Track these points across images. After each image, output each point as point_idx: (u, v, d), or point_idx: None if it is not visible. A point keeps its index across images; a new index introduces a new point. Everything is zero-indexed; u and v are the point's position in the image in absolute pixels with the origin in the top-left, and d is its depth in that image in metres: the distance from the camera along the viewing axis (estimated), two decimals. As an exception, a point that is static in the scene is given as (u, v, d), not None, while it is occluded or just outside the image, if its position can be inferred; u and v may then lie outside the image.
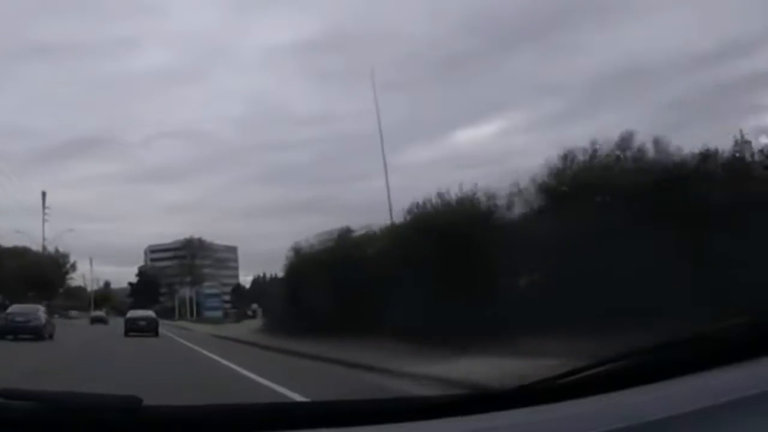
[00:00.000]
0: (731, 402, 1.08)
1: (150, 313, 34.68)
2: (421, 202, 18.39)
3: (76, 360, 15.48)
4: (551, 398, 1.24)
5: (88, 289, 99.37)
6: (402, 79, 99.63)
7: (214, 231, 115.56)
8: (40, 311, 25.69)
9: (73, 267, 76.25)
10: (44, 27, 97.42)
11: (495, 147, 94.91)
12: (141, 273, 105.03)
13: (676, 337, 1.28)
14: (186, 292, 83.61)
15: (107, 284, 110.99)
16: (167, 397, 6.86)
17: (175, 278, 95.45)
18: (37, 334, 23.59)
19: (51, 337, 24.93)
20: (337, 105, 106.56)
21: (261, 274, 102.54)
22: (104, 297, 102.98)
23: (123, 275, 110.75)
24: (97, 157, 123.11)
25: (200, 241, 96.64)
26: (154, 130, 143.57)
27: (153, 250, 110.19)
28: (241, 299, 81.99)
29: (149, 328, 30.35)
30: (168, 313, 74.91)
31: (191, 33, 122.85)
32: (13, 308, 26.40)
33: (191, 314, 75.16)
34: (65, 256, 74.01)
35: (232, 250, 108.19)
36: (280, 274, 32.36)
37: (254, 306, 65.70)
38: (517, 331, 11.25)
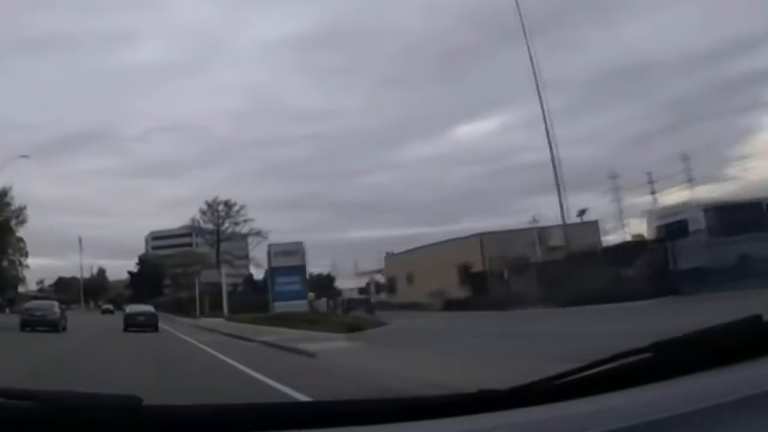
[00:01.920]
0: (731, 402, 1.08)
1: (149, 308, 34.40)
2: None
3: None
4: (551, 398, 1.24)
5: (80, 277, 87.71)
6: (401, 75, 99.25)
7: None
8: (55, 306, 29.19)
9: (20, 217, 44.99)
10: (39, 20, 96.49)
11: (495, 144, 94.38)
12: (142, 261, 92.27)
13: (676, 337, 1.28)
14: (219, 275, 53.66)
15: (101, 272, 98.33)
16: (167, 397, 6.78)
17: (179, 268, 78.17)
18: (53, 326, 26.68)
19: (64, 329, 27.71)
20: (335, 101, 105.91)
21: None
22: (98, 287, 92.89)
23: (120, 269, 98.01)
24: (92, 152, 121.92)
25: (227, 205, 68.31)
26: (151, 124, 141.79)
27: (155, 237, 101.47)
28: (254, 292, 59.20)
29: (149, 324, 30.22)
30: (181, 308, 56.35)
31: (189, 27, 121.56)
32: (32, 304, 30.32)
33: (220, 308, 47.85)
34: (2, 195, 41.23)
35: (243, 238, 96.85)
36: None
37: (311, 295, 46.50)
38: None
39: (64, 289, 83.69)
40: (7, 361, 13.13)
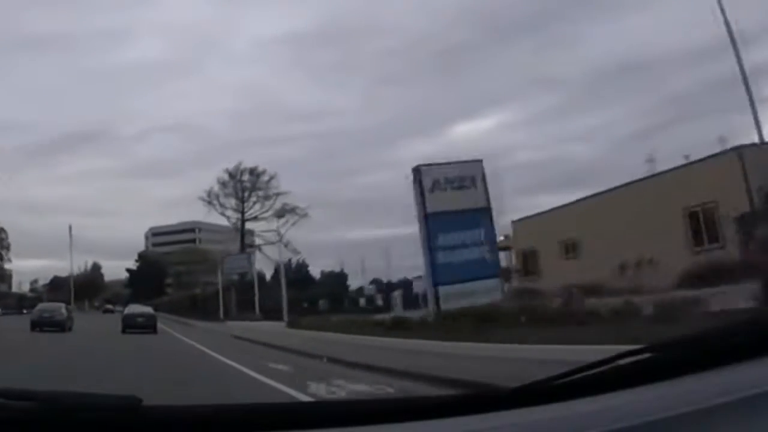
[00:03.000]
0: (731, 402, 1.08)
1: (148, 309, 34.29)
2: None
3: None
4: (551, 398, 1.24)
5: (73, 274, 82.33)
6: (398, 73, 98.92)
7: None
8: (62, 308, 31.47)
9: None
10: (35, 19, 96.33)
11: (492, 142, 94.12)
12: (141, 258, 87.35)
13: (676, 337, 1.29)
14: (249, 263, 43.94)
15: (96, 267, 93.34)
16: (167, 397, 6.69)
17: (182, 265, 71.91)
18: (61, 326, 28.70)
19: (71, 329, 29.63)
20: (333, 99, 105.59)
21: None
22: (93, 285, 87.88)
23: (118, 270, 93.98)
24: (89, 152, 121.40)
25: (253, 174, 54.90)
26: (148, 123, 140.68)
27: (156, 233, 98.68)
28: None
29: (147, 325, 30.14)
30: (195, 309, 47.25)
31: (186, 25, 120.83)
32: (41, 306, 33.05)
33: (250, 308, 37.47)
34: None
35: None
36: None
37: (396, 293, 36.86)
38: None
39: (58, 288, 79.67)
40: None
